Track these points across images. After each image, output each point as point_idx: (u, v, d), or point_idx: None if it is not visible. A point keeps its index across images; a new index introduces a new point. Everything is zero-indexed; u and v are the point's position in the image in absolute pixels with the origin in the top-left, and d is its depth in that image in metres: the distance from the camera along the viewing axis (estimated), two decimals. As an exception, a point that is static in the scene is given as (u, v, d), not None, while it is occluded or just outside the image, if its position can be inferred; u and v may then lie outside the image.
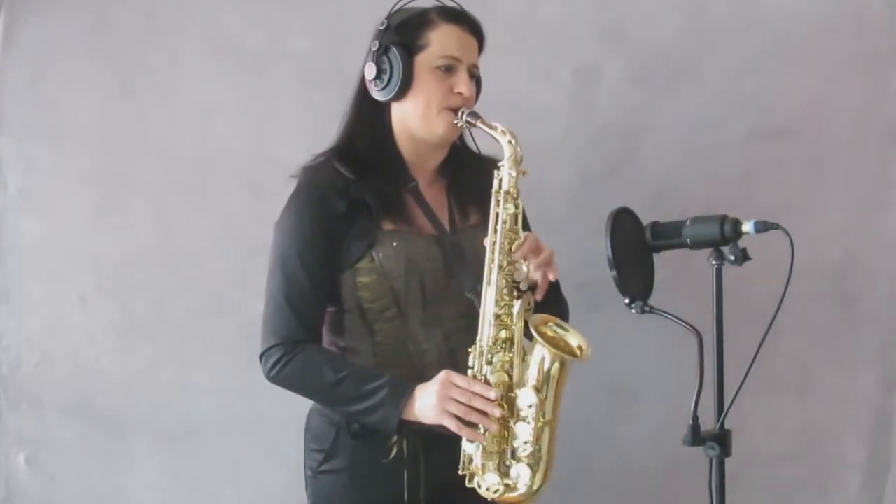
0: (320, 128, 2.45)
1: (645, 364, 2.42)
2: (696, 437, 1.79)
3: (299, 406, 2.23)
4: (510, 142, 1.82)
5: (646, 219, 1.99)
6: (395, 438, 1.87)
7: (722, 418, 1.81)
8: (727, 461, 1.83)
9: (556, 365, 1.77)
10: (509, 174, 1.82)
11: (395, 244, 1.87)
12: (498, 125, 1.84)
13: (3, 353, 2.58)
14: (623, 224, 1.93)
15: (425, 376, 1.82)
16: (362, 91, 1.95)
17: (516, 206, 1.83)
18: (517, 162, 1.82)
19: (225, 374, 2.53)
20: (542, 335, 1.79)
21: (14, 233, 2.57)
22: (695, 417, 1.78)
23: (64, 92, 2.55)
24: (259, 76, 2.51)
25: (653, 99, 2.43)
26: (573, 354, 1.80)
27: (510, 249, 1.82)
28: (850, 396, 2.42)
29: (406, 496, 1.88)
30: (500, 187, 1.83)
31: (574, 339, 1.82)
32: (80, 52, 2.54)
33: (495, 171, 1.84)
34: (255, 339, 2.46)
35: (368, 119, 1.95)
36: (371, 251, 1.87)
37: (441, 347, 1.89)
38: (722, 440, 1.80)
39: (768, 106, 2.40)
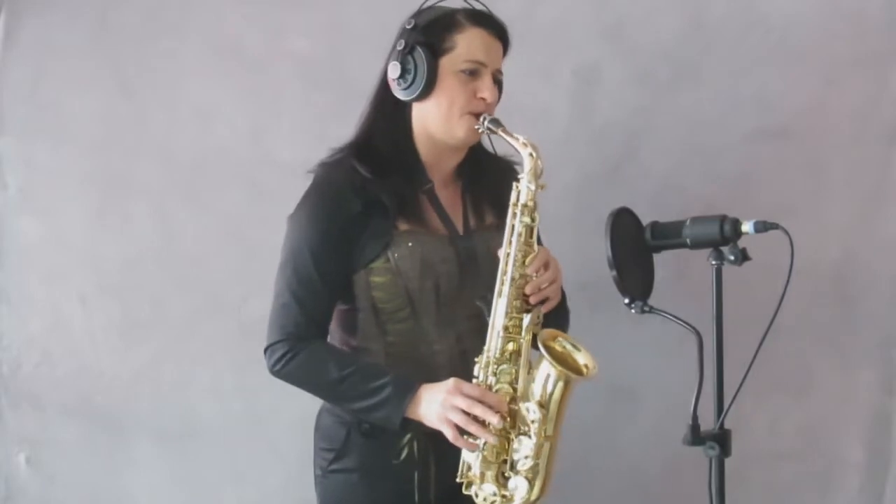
0: (320, 128, 2.46)
1: (645, 364, 2.42)
2: (696, 437, 1.79)
3: (299, 406, 2.23)
4: (531, 155, 1.82)
5: (646, 219, 1.99)
6: (406, 439, 1.88)
7: (722, 418, 1.81)
8: (727, 461, 1.83)
9: (561, 383, 1.77)
10: (528, 187, 1.82)
11: (410, 244, 1.87)
12: (520, 137, 1.83)
13: (3, 353, 2.58)
14: (623, 224, 1.93)
15: (437, 377, 1.82)
16: (383, 89, 1.94)
17: (532, 220, 1.83)
18: (537, 175, 1.82)
19: (225, 373, 2.53)
20: (550, 350, 1.78)
21: (14, 233, 2.57)
22: (695, 417, 1.78)
23: (64, 92, 2.55)
24: (259, 76, 2.51)
25: (653, 99, 2.43)
26: (579, 372, 1.79)
27: (524, 262, 1.82)
28: (850, 396, 2.42)
29: (416, 497, 1.89)
30: (517, 199, 1.83)
31: (581, 357, 1.82)
32: (80, 52, 2.54)
33: (514, 184, 1.84)
34: (255, 338, 2.46)
35: (389, 117, 1.94)
36: (386, 251, 1.87)
37: (453, 349, 1.90)
38: (722, 440, 1.81)
39: (768, 106, 2.40)
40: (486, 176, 1.98)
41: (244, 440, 2.54)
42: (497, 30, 1.92)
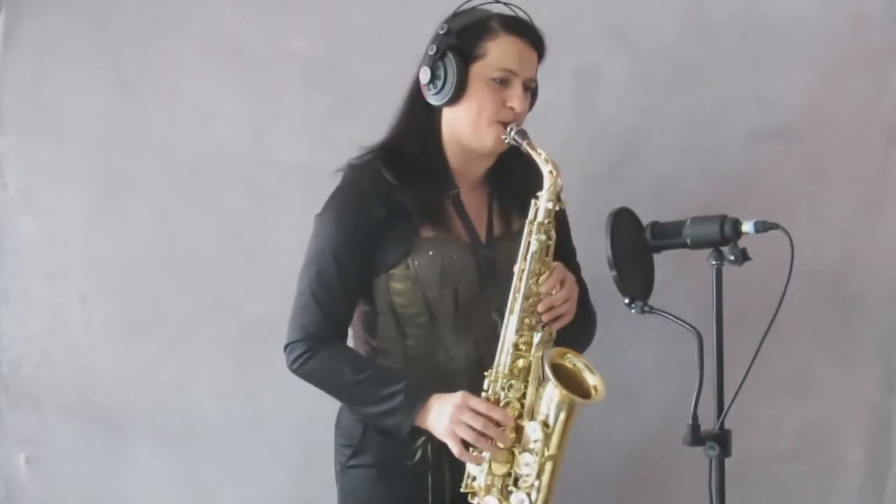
0: (320, 128, 2.47)
1: (645, 364, 2.42)
2: (696, 437, 1.79)
3: (299, 406, 2.23)
4: (551, 172, 1.80)
5: (646, 219, 1.99)
6: (419, 442, 1.88)
7: (722, 418, 1.81)
8: (727, 461, 1.83)
9: (566, 406, 1.77)
10: (546, 206, 1.81)
11: (431, 253, 1.88)
12: (542, 152, 1.82)
13: (3, 353, 2.57)
14: (623, 224, 1.93)
15: (454, 381, 1.84)
16: (416, 92, 1.94)
17: (549, 238, 1.82)
18: (556, 194, 1.81)
19: (225, 374, 2.53)
20: (559, 368, 1.78)
21: (14, 233, 2.56)
22: (695, 417, 1.78)
23: (64, 92, 2.54)
24: (259, 76, 2.51)
25: (653, 99, 2.43)
26: (587, 393, 1.79)
27: (538, 280, 1.81)
28: (850, 396, 2.42)
29: (430, 498, 1.90)
30: (534, 217, 1.82)
31: (591, 377, 1.81)
32: (80, 52, 2.54)
33: (533, 200, 1.83)
34: (255, 338, 2.48)
35: (419, 121, 1.93)
36: (407, 259, 1.88)
37: (470, 354, 1.90)
38: (722, 440, 1.80)
39: (768, 106, 2.40)
40: (517, 180, 1.96)
41: (244, 440, 2.54)
42: (532, 37, 1.90)
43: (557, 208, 1.82)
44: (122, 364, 2.56)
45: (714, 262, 1.85)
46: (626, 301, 1.89)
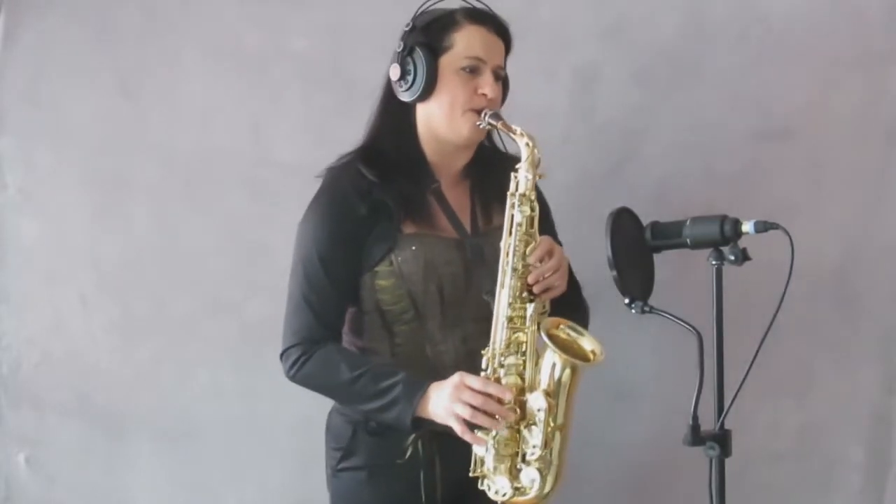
0: (320, 128, 2.47)
1: (645, 364, 2.42)
2: (696, 437, 1.79)
3: (299, 406, 2.23)
4: (528, 144, 1.82)
5: (646, 219, 1.99)
6: (410, 439, 1.88)
7: (722, 418, 1.81)
8: (727, 461, 1.83)
9: (568, 370, 1.77)
10: (526, 177, 1.83)
11: (413, 248, 1.88)
12: (517, 128, 1.84)
13: (3, 353, 2.57)
14: (623, 224, 1.93)
15: (444, 377, 1.82)
16: (389, 92, 1.96)
17: (532, 209, 1.83)
18: (534, 164, 1.83)
19: (225, 374, 2.53)
20: (555, 339, 1.78)
21: (14, 233, 2.56)
22: (695, 417, 1.78)
23: (64, 92, 2.55)
24: (259, 76, 2.51)
25: (653, 99, 2.43)
26: (585, 358, 1.79)
27: (525, 252, 1.82)
28: (850, 396, 2.42)
29: (423, 496, 1.90)
30: (516, 189, 1.84)
31: (588, 343, 1.82)
32: (80, 52, 2.54)
33: (512, 174, 1.85)
34: (255, 339, 2.47)
35: (394, 119, 1.95)
36: (390, 255, 1.88)
37: (459, 350, 1.90)
38: (722, 440, 1.81)
39: (768, 106, 2.40)
40: (495, 175, 1.97)
41: (244, 440, 2.54)
42: (496, 26, 1.93)
43: (538, 179, 1.84)
44: (122, 364, 2.56)
45: (714, 262, 1.85)
46: (626, 301, 1.89)
